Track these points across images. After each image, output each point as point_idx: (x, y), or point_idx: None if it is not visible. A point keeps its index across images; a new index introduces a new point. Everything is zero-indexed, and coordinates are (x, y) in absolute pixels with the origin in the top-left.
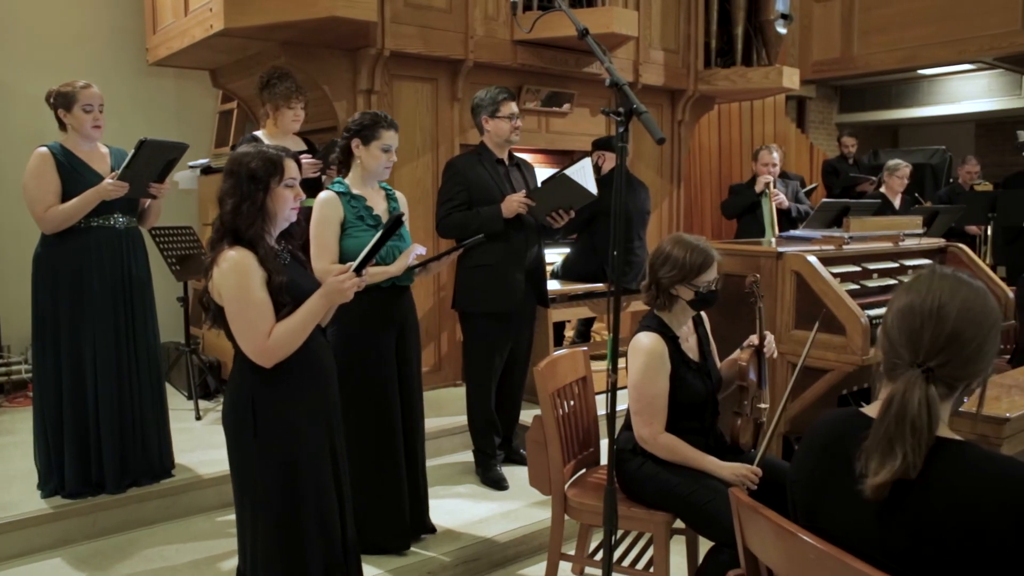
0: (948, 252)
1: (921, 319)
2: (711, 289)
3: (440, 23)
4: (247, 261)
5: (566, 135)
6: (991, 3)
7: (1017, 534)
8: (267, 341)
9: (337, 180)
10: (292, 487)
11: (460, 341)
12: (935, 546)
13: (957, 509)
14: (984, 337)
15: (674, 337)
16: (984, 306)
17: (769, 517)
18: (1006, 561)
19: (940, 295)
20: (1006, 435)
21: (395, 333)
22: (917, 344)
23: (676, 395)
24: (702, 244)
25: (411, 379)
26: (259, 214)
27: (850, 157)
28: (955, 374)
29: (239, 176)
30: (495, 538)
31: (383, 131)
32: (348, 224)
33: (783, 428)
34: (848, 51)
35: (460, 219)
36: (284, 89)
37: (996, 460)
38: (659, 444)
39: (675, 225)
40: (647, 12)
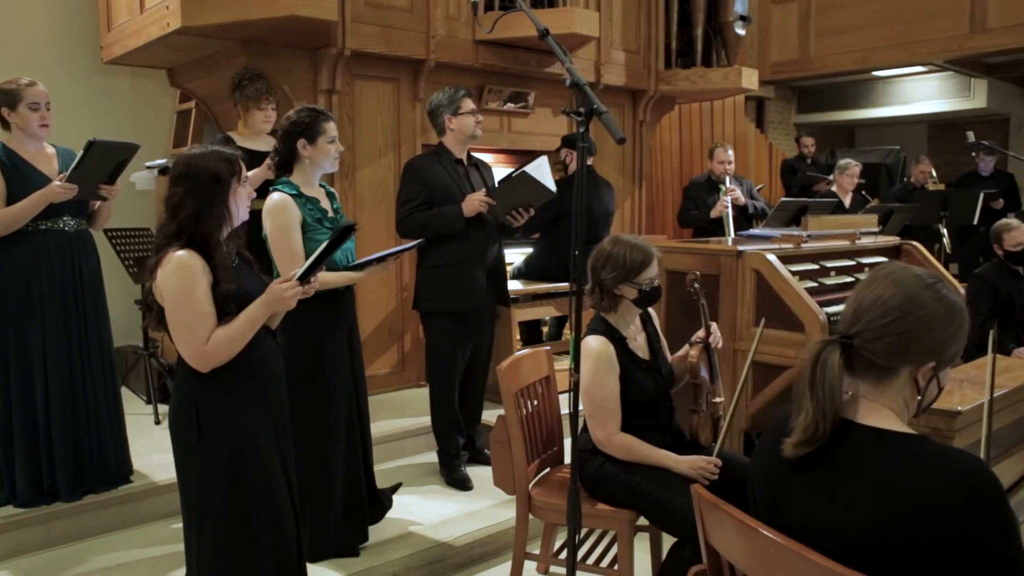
0: (903, 250)
1: (851, 297)
2: (654, 286)
3: (401, 23)
4: (193, 264)
5: (528, 135)
6: (941, 7)
7: (967, 526)
8: (204, 346)
9: (284, 181)
10: (238, 491)
11: (423, 342)
12: (891, 539)
13: (911, 503)
14: (912, 323)
15: (621, 338)
16: (922, 293)
17: (730, 513)
18: (959, 554)
19: (873, 280)
20: (958, 428)
21: (347, 330)
22: (846, 314)
23: (628, 394)
24: (641, 242)
25: (360, 373)
26: (223, 216)
27: (808, 157)
28: (872, 348)
29: (198, 179)
30: (459, 539)
31: (325, 124)
32: (308, 227)
33: (745, 425)
34: (805, 52)
35: (421, 219)
36: (254, 90)
37: (948, 454)
38: (615, 445)
39: (637, 224)
40: (608, 13)
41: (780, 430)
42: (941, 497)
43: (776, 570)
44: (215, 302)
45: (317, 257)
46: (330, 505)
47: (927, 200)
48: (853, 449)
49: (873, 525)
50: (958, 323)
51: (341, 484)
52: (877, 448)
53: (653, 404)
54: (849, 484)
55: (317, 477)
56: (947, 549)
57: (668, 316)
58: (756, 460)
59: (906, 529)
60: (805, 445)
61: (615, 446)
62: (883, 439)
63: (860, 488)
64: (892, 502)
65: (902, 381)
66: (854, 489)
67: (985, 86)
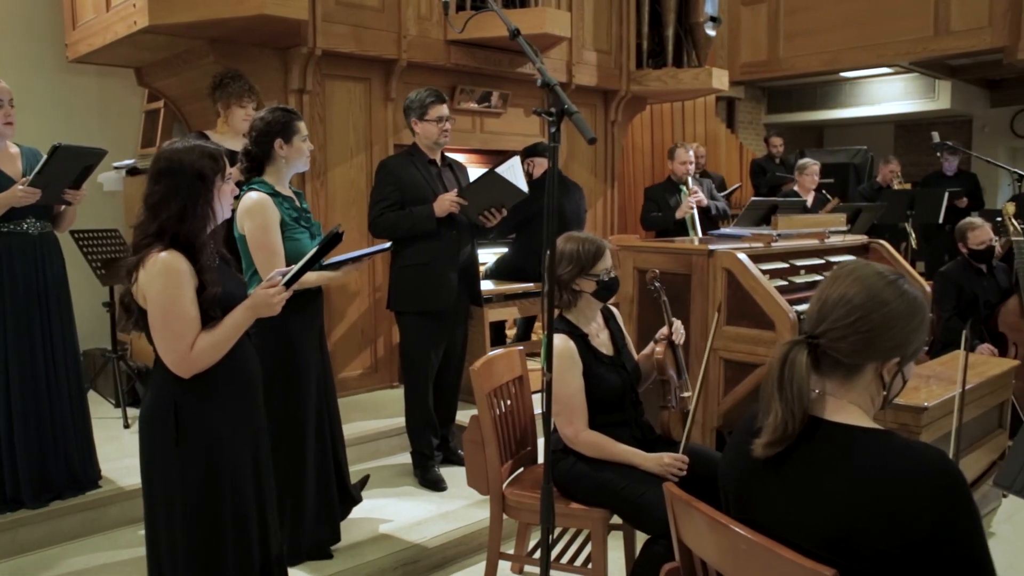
0: (870, 248)
1: (815, 296)
2: (611, 276)
3: (373, 22)
4: (180, 267)
5: (500, 135)
6: (906, 10)
7: (932, 520)
8: (190, 353)
9: (258, 181)
10: (214, 498)
11: (396, 343)
12: (859, 535)
13: (878, 498)
14: (876, 320)
15: (583, 335)
16: (885, 290)
17: (702, 510)
18: (925, 548)
19: (837, 279)
20: (924, 423)
21: (317, 329)
22: (809, 318)
23: (593, 391)
24: (592, 236)
25: (328, 372)
26: (208, 216)
27: (777, 157)
28: (838, 347)
29: (182, 176)
30: (434, 539)
31: (298, 123)
32: (286, 226)
33: (717, 423)
34: (774, 54)
35: (393, 219)
36: (237, 88)
37: (914, 449)
38: (582, 442)
39: (610, 224)
40: (580, 13)
41: (749, 428)
42: (907, 492)
43: (748, 566)
44: (201, 306)
45: (305, 263)
46: (305, 506)
47: (894, 199)
48: (822, 446)
49: (842, 521)
50: (920, 318)
51: (313, 485)
52: (845, 445)
53: (619, 400)
54: (818, 481)
55: (291, 478)
56: (914, 543)
57: (640, 315)
58: (726, 458)
59: (874, 524)
60: (775, 445)
61: (583, 443)
62: (851, 436)
63: (829, 485)
64: (860, 498)
65: (868, 378)
66: (823, 486)
67: (949, 87)
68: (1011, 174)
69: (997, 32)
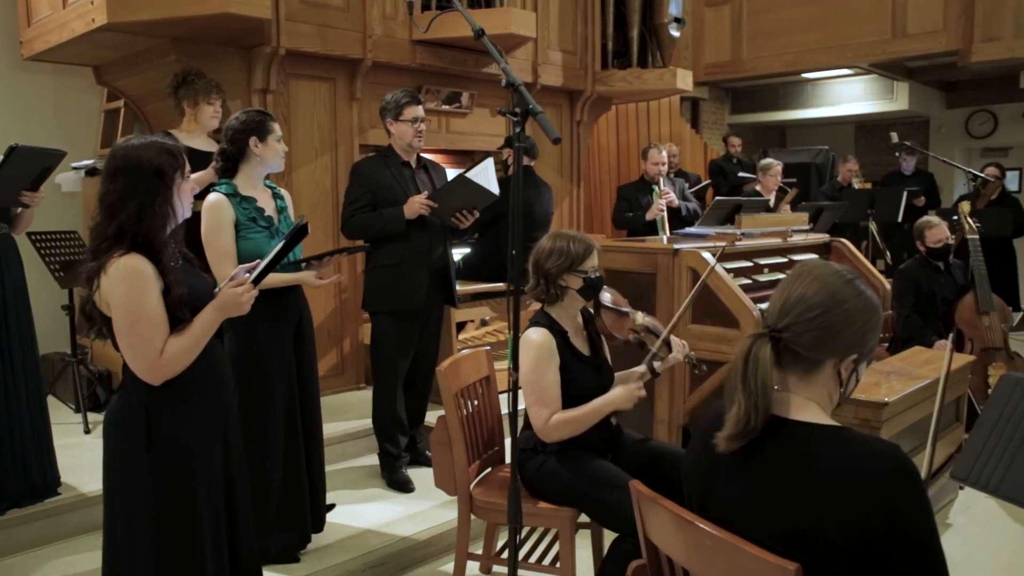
0: (832, 247)
1: (777, 292)
2: (597, 275)
3: (337, 22)
4: (144, 270)
5: (466, 135)
6: (865, 13)
7: (887, 515)
8: (160, 358)
9: (223, 182)
10: (186, 505)
11: (363, 344)
12: (818, 531)
13: (836, 494)
14: (835, 317)
15: (562, 331)
16: (843, 289)
17: (668, 507)
18: (881, 541)
19: (811, 273)
20: (885, 418)
21: (293, 328)
22: (770, 312)
23: (567, 388)
24: (580, 234)
25: (311, 370)
26: (168, 215)
27: (735, 157)
28: (799, 341)
29: (139, 174)
30: (401, 541)
31: (272, 123)
32: (241, 226)
33: (683, 421)
34: (738, 54)
35: (363, 220)
36: (204, 84)
37: (869, 445)
38: (554, 425)
39: (576, 224)
40: (545, 14)
41: (714, 426)
42: (863, 490)
43: (713, 562)
44: (168, 309)
45: (271, 259)
46: (270, 509)
47: (854, 198)
48: (784, 444)
49: (802, 519)
50: (876, 318)
51: (280, 488)
52: (805, 443)
53: (591, 400)
54: (780, 480)
55: (257, 481)
56: (870, 539)
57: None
58: (690, 456)
59: (833, 522)
60: (737, 439)
61: (554, 425)
62: (811, 434)
63: (790, 483)
64: (818, 494)
65: (827, 374)
66: (785, 484)
67: (907, 89)
68: (966, 173)
69: (951, 35)
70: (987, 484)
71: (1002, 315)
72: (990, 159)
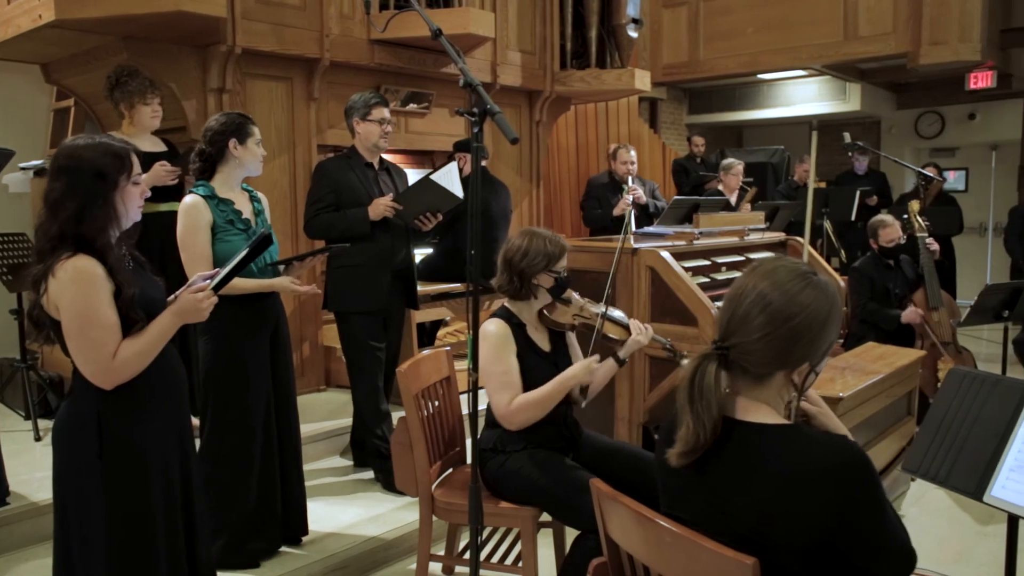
0: (788, 245)
1: (726, 302)
2: (566, 274)
3: (294, 21)
4: (93, 271)
5: (426, 135)
6: (818, 15)
7: (841, 509)
8: (112, 362)
9: (200, 183)
10: (141, 513)
11: (323, 346)
12: (776, 530)
13: (789, 492)
14: (784, 334)
15: (521, 324)
16: (792, 302)
17: (627, 504)
18: (838, 535)
19: (749, 282)
20: (840, 413)
21: (269, 334)
22: (720, 325)
23: (522, 381)
24: (555, 235)
25: (288, 377)
26: (109, 217)
27: (698, 156)
28: (748, 359)
29: (80, 174)
30: (364, 544)
31: (253, 127)
32: (218, 228)
33: (642, 419)
34: (695, 55)
35: (327, 220)
36: (138, 85)
37: (819, 442)
38: (516, 408)
39: (536, 223)
40: (504, 14)
41: (671, 431)
42: (816, 484)
43: (672, 559)
44: (120, 310)
45: (233, 267)
46: (243, 515)
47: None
48: (736, 447)
49: (759, 517)
50: (832, 316)
51: (254, 493)
52: (756, 444)
53: None
54: (735, 482)
55: (231, 487)
56: (828, 531)
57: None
58: (656, 455)
59: (789, 518)
60: (687, 455)
61: (517, 408)
62: (762, 434)
63: (745, 485)
64: (773, 494)
65: (779, 382)
66: (739, 486)
67: (859, 90)
68: (916, 173)
69: (901, 38)
70: (936, 475)
71: (950, 311)
72: (938, 159)
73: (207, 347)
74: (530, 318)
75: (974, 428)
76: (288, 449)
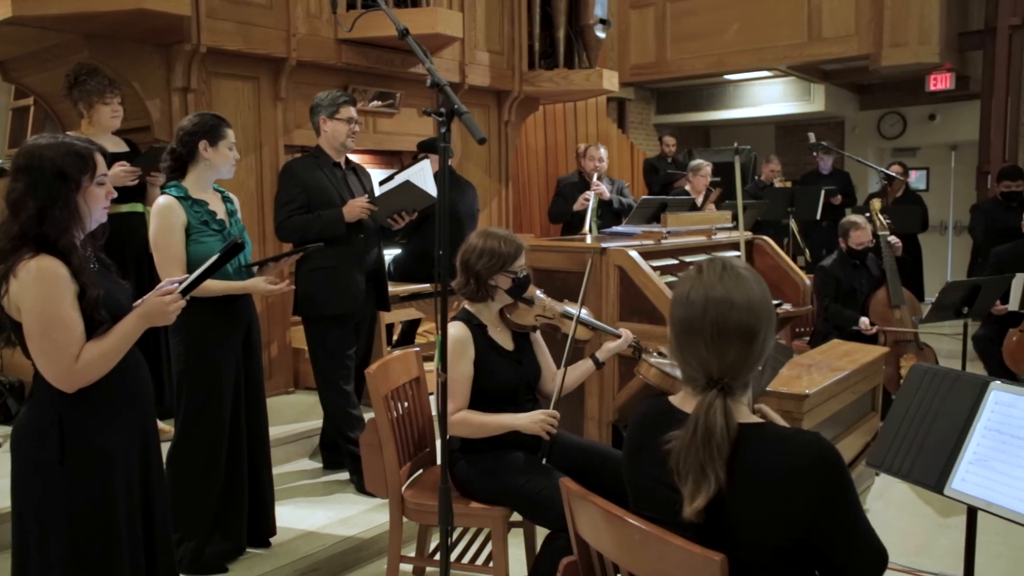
0: (755, 244)
1: (704, 344)
2: (525, 274)
3: (260, 20)
4: (57, 272)
5: (394, 135)
6: (783, 17)
7: (813, 503)
8: (75, 364)
9: (172, 183)
10: (103, 519)
11: (291, 347)
12: (744, 523)
13: (757, 486)
14: (762, 334)
15: (481, 325)
16: (756, 302)
17: (597, 503)
18: (810, 528)
19: (716, 312)
20: (806, 410)
21: (242, 336)
22: (708, 368)
23: (484, 382)
24: (510, 234)
25: (259, 379)
26: (71, 218)
27: (669, 156)
28: (744, 377)
29: (42, 174)
30: (333, 546)
31: (227, 129)
32: (192, 230)
33: (612, 417)
34: (662, 56)
35: (301, 222)
36: (97, 84)
37: (788, 439)
38: (455, 421)
39: (505, 223)
40: (472, 14)
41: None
42: (790, 485)
43: (642, 556)
44: (84, 312)
45: (203, 272)
46: (208, 518)
47: (775, 197)
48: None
49: (733, 515)
50: (774, 317)
51: (221, 495)
52: (735, 444)
53: (512, 394)
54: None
55: (198, 489)
56: (803, 529)
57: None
58: (625, 455)
59: (757, 511)
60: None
61: (455, 422)
62: (740, 434)
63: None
64: (747, 495)
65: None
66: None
67: (823, 91)
68: (879, 173)
69: (863, 40)
70: (899, 470)
71: (912, 308)
72: (900, 159)
73: (179, 349)
74: (491, 318)
75: (935, 423)
76: (258, 452)
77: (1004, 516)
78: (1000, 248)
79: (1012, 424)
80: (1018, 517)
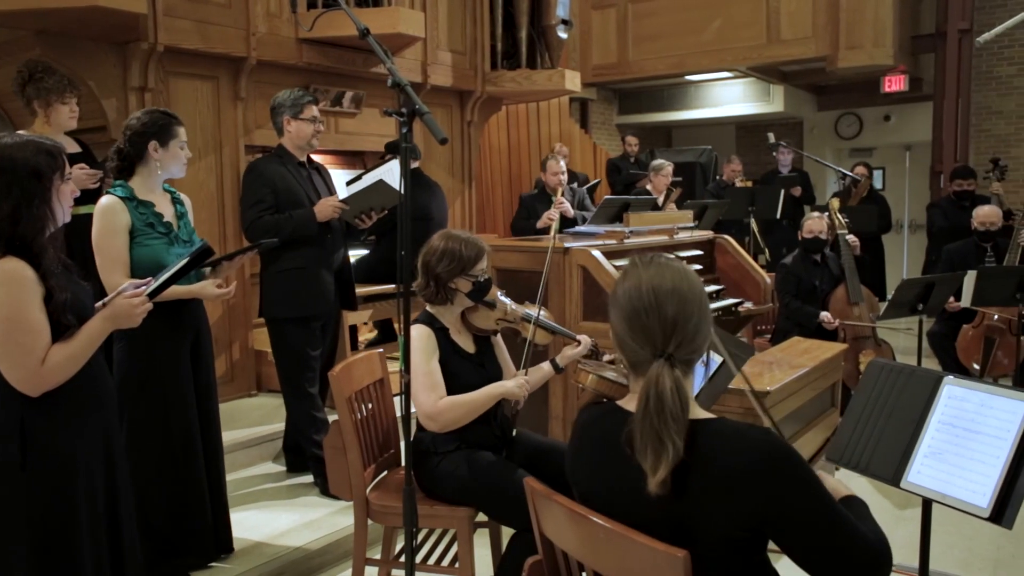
0: (716, 243)
1: (646, 315)
2: (486, 277)
3: (218, 18)
4: (24, 274)
5: (356, 135)
6: (743, 19)
7: (773, 496)
8: (41, 368)
9: (118, 184)
10: (66, 526)
11: (253, 350)
12: (709, 519)
13: (720, 482)
14: (699, 311)
15: (443, 328)
16: (689, 283)
17: (561, 502)
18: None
19: (652, 286)
20: (769, 406)
21: (190, 340)
22: (652, 338)
23: (448, 384)
24: (472, 237)
25: (209, 387)
26: (46, 217)
27: (632, 156)
28: (687, 352)
29: (15, 174)
30: (298, 550)
31: (178, 127)
32: (137, 232)
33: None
34: (624, 57)
35: (272, 222)
36: (55, 83)
37: (743, 435)
38: (442, 408)
39: (468, 224)
40: (434, 14)
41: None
42: (744, 481)
43: (606, 554)
44: (51, 315)
45: (171, 276)
46: (161, 529)
47: (736, 196)
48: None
49: (691, 508)
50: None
51: (173, 508)
52: (691, 438)
53: None
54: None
55: (149, 501)
56: (759, 523)
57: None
58: (574, 463)
59: (720, 507)
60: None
61: (443, 408)
62: (694, 429)
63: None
64: (703, 490)
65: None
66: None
67: (782, 92)
68: (836, 172)
69: (820, 43)
70: (858, 464)
71: (870, 305)
72: (857, 159)
73: (121, 355)
74: (452, 321)
75: (892, 417)
76: (212, 463)
77: (957, 507)
78: (951, 246)
79: (964, 418)
80: (970, 508)
